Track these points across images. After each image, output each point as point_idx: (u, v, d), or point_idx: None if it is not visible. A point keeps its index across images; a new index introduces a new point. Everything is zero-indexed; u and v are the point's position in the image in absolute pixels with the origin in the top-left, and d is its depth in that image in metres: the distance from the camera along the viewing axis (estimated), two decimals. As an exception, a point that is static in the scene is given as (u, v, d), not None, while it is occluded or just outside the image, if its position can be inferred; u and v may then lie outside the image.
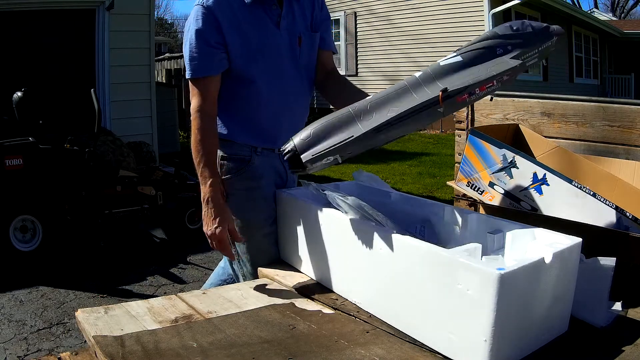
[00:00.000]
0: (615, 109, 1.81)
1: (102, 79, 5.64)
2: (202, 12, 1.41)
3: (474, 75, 1.18)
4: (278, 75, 1.51)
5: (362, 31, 12.58)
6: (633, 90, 14.91)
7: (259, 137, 1.54)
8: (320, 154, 1.20)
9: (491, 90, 1.21)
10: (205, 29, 1.41)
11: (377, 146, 1.25)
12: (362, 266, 1.22)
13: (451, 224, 1.33)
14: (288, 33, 1.51)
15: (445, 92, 1.15)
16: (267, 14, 1.48)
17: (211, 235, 1.43)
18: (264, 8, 1.47)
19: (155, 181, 4.18)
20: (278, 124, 1.55)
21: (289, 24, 1.51)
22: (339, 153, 1.20)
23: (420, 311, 1.07)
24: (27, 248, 3.51)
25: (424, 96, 1.18)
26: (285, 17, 1.50)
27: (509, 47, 1.21)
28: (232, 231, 1.44)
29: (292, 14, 1.52)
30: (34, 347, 2.52)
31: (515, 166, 1.61)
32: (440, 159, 7.78)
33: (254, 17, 1.46)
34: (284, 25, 1.50)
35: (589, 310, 1.16)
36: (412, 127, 1.23)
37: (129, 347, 1.06)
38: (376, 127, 1.17)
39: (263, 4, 1.47)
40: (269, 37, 1.48)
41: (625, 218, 1.44)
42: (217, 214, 1.42)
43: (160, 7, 33.80)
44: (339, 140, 1.19)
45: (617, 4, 26.94)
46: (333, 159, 1.21)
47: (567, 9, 12.26)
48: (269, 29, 1.48)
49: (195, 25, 1.42)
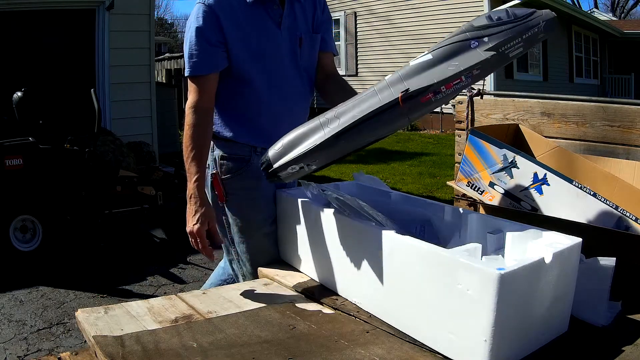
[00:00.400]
0: (615, 109, 1.81)
1: (102, 79, 5.64)
2: (204, 10, 1.42)
3: (440, 72, 1.12)
4: (278, 76, 1.51)
5: (362, 31, 12.58)
6: (633, 90, 14.90)
7: (259, 137, 1.53)
8: (286, 163, 1.21)
9: (459, 86, 1.14)
10: (206, 27, 1.41)
11: (346, 153, 1.22)
12: (362, 266, 1.22)
13: (451, 224, 1.33)
14: (289, 34, 1.51)
15: (406, 92, 1.11)
16: (269, 14, 1.48)
17: (190, 232, 1.41)
18: (265, 8, 1.47)
19: (155, 181, 4.18)
20: (278, 124, 1.54)
21: (290, 24, 1.51)
22: (303, 161, 1.20)
23: (421, 311, 1.07)
24: (27, 248, 3.51)
25: (386, 98, 1.14)
26: (286, 17, 1.50)
27: (485, 39, 1.12)
28: (213, 230, 1.42)
29: (293, 15, 1.52)
30: (34, 347, 2.52)
31: (515, 166, 1.61)
32: (440, 159, 7.77)
33: (255, 16, 1.46)
34: (285, 25, 1.50)
35: (589, 310, 1.16)
36: (379, 132, 1.19)
37: (129, 347, 1.06)
38: (336, 134, 1.15)
39: (264, 4, 1.46)
40: (269, 38, 1.48)
41: (625, 218, 1.44)
42: (198, 211, 1.41)
43: (160, 7, 33.81)
44: (303, 149, 1.19)
45: (617, 4, 26.95)
46: (299, 168, 1.21)
47: (567, 9, 12.25)
48: (270, 29, 1.48)
49: (196, 23, 1.42)
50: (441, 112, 10.75)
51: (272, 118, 1.53)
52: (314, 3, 1.58)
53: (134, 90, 5.84)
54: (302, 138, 1.21)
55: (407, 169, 7.10)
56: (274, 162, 1.24)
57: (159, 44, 22.59)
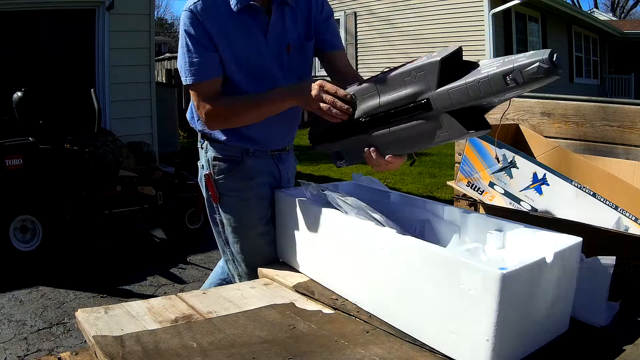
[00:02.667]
0: (615, 109, 1.81)
1: (102, 79, 5.64)
2: (190, 17, 1.39)
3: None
4: (265, 83, 1.48)
5: (362, 31, 12.58)
6: (633, 90, 14.90)
7: (249, 141, 1.54)
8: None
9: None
10: (198, 34, 1.40)
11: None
12: (362, 266, 1.22)
13: (451, 224, 1.33)
14: (276, 42, 1.48)
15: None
16: (255, 22, 1.45)
17: (316, 94, 1.29)
18: (252, 16, 1.44)
19: (155, 181, 4.18)
20: (267, 129, 1.53)
21: (277, 32, 1.48)
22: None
23: (421, 311, 1.07)
24: (27, 248, 3.51)
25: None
26: (273, 26, 1.47)
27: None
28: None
29: (281, 22, 1.49)
30: (34, 347, 2.52)
31: (515, 166, 1.61)
32: (440, 159, 7.77)
33: (241, 24, 1.44)
34: (272, 34, 1.47)
35: (589, 309, 1.16)
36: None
37: (129, 347, 1.06)
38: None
39: (250, 12, 1.44)
40: (255, 46, 1.46)
41: (625, 218, 1.44)
42: (299, 85, 1.38)
43: (160, 7, 33.79)
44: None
45: (617, 4, 26.95)
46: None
47: (567, 9, 12.25)
48: (256, 37, 1.46)
49: (188, 31, 1.40)
50: (441, 112, 10.74)
51: (261, 124, 1.49)
52: (309, 6, 1.54)
53: (134, 90, 5.84)
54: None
55: (407, 169, 7.09)
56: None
57: (159, 44, 22.57)
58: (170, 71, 11.34)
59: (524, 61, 1.01)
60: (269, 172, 1.59)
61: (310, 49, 1.57)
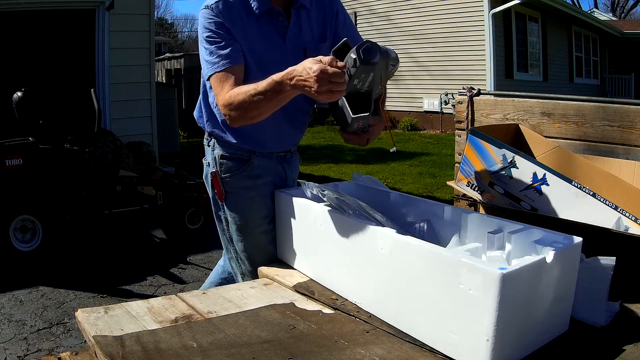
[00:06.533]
0: (615, 109, 1.81)
1: (102, 79, 5.64)
2: (210, 14, 1.41)
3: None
4: None
5: (363, 31, 12.57)
6: (633, 90, 14.90)
7: (257, 144, 1.55)
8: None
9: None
10: (218, 27, 1.41)
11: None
12: (362, 266, 1.22)
13: (451, 224, 1.33)
14: (293, 45, 1.51)
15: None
16: (274, 25, 1.48)
17: (317, 74, 1.20)
18: (271, 19, 1.47)
19: (155, 181, 4.17)
20: (278, 135, 1.56)
21: (294, 36, 1.51)
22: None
23: (422, 311, 1.07)
24: (27, 248, 3.51)
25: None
26: (291, 29, 1.50)
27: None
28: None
29: (299, 25, 1.51)
30: (34, 347, 2.52)
31: (515, 166, 1.61)
32: (440, 159, 7.77)
33: (261, 27, 1.46)
34: (289, 37, 1.50)
35: (589, 309, 1.16)
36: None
37: (129, 347, 1.06)
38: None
39: (270, 15, 1.47)
40: (273, 49, 1.48)
41: (625, 218, 1.44)
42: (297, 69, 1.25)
43: (160, 7, 33.77)
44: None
45: (617, 4, 26.95)
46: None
47: (567, 9, 12.25)
48: (275, 40, 1.48)
49: (208, 27, 1.41)
50: (441, 112, 10.75)
51: (273, 129, 1.53)
52: (322, 12, 1.56)
53: (134, 90, 5.84)
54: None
55: (407, 169, 7.10)
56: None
57: (159, 44, 22.58)
58: (170, 71, 11.33)
59: (353, 53, 1.21)
60: (275, 172, 1.61)
61: (324, 51, 1.58)
